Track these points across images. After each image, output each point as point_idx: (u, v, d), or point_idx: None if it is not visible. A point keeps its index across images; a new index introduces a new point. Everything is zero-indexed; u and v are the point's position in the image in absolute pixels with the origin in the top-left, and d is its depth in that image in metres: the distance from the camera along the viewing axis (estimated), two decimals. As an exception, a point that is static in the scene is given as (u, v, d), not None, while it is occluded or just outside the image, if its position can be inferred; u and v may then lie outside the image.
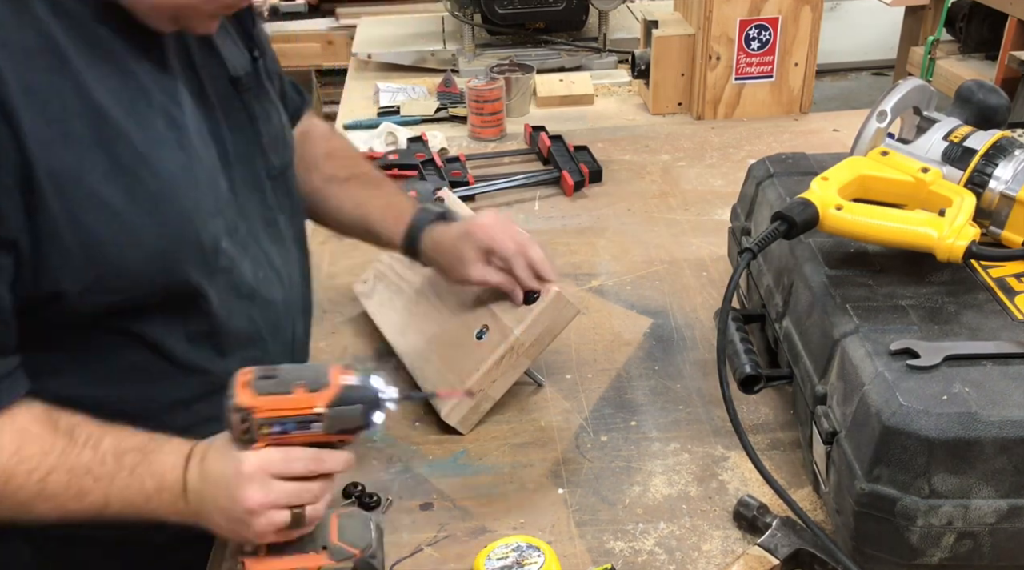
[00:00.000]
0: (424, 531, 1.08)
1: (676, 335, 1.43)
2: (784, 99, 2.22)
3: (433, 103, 2.34)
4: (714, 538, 1.06)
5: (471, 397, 1.20)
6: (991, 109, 1.19)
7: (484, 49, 2.61)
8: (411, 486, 1.15)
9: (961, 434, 0.86)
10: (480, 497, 1.13)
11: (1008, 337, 0.97)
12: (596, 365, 1.36)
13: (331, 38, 3.68)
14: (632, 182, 1.94)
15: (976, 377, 0.91)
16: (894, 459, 0.88)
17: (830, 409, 1.00)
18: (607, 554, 1.04)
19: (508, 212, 1.83)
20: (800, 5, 2.11)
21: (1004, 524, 0.88)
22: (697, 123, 2.22)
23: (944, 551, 0.90)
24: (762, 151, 1.93)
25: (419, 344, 1.31)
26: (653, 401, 1.29)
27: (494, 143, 2.16)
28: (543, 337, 1.22)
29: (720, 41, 2.14)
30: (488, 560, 0.97)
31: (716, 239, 1.65)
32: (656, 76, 2.24)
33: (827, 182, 1.10)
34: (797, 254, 1.15)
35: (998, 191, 1.11)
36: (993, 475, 0.87)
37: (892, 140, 1.20)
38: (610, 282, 1.58)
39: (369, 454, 1.20)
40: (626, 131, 2.20)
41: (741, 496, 1.07)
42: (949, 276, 1.08)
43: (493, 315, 1.25)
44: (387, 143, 2.07)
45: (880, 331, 0.99)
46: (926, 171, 1.10)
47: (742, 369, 1.13)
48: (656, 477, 1.15)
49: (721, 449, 1.19)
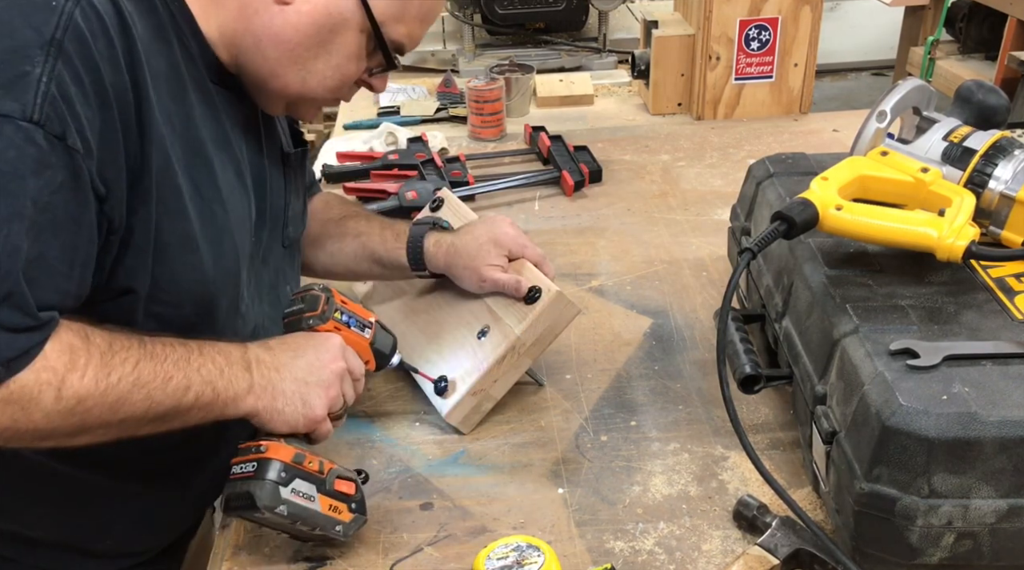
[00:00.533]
0: (424, 531, 1.08)
1: (676, 335, 1.43)
2: (784, 99, 2.22)
3: (433, 103, 2.34)
4: (714, 538, 1.06)
5: None
6: (991, 109, 1.19)
7: (484, 49, 2.61)
8: (411, 486, 1.15)
9: (961, 434, 0.86)
10: (480, 497, 1.13)
11: (1008, 337, 0.97)
12: (596, 365, 1.36)
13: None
14: (632, 182, 1.94)
15: (976, 377, 0.91)
16: (894, 459, 0.88)
17: (830, 409, 1.00)
18: (607, 554, 1.04)
19: (508, 212, 1.83)
20: (800, 5, 2.11)
21: (1004, 524, 0.88)
22: (697, 123, 2.23)
23: (944, 551, 0.90)
24: (762, 151, 1.93)
25: (421, 343, 1.31)
26: (653, 401, 1.29)
27: (494, 143, 2.16)
28: (544, 336, 1.23)
29: (720, 41, 2.14)
30: (488, 560, 0.97)
31: (716, 239, 1.65)
32: (656, 76, 2.24)
33: (827, 182, 1.10)
34: (797, 254, 1.15)
35: (998, 191, 1.11)
36: (993, 475, 0.87)
37: (892, 140, 1.20)
38: (610, 282, 1.58)
39: (369, 454, 1.20)
40: (626, 131, 2.21)
41: (741, 496, 1.07)
42: (949, 276, 1.08)
43: (494, 315, 1.25)
44: (387, 143, 2.07)
45: (880, 331, 0.99)
46: (926, 171, 1.10)
47: (742, 369, 1.13)
48: (656, 477, 1.15)
49: (721, 449, 1.19)
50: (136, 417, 0.92)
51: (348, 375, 1.06)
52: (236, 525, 1.10)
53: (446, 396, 1.24)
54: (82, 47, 0.84)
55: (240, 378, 0.98)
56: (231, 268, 1.05)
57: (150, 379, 0.91)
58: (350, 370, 1.06)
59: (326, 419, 1.03)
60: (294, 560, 1.05)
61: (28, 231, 0.82)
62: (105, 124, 0.87)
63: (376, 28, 1.02)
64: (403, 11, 1.03)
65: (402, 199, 1.78)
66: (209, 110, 1.02)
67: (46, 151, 0.82)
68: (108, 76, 0.86)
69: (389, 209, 1.76)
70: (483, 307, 1.27)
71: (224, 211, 1.03)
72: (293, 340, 1.05)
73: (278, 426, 1.01)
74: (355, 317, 1.11)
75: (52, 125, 0.82)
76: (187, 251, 0.98)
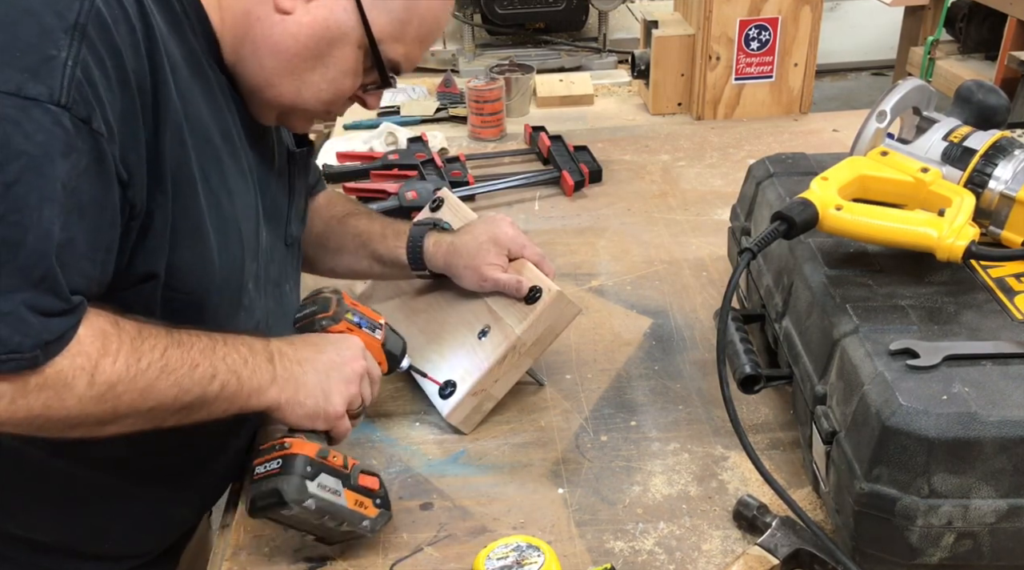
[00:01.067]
0: (424, 531, 1.08)
1: (676, 335, 1.43)
2: (784, 99, 2.22)
3: (433, 103, 2.34)
4: (714, 538, 1.06)
5: None
6: (991, 109, 1.19)
7: (484, 49, 2.61)
8: (411, 486, 1.15)
9: (961, 434, 0.86)
10: (480, 497, 1.13)
11: (1008, 337, 0.97)
12: (596, 365, 1.36)
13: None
14: (632, 182, 1.94)
15: (976, 377, 0.91)
16: (894, 459, 0.88)
17: (830, 409, 1.00)
18: (607, 554, 1.04)
19: (508, 212, 1.83)
20: (800, 5, 2.11)
21: (1004, 524, 0.88)
22: (697, 123, 2.23)
23: (944, 551, 0.90)
24: (762, 151, 1.93)
25: (421, 343, 1.31)
26: (653, 401, 1.29)
27: (494, 143, 2.16)
28: (545, 336, 1.23)
29: (720, 41, 2.14)
30: (488, 560, 0.97)
31: (716, 239, 1.65)
32: (656, 76, 2.24)
33: (827, 182, 1.10)
34: (797, 254, 1.15)
35: (998, 191, 1.11)
36: (993, 475, 0.87)
37: (892, 140, 1.20)
38: (610, 282, 1.58)
39: (369, 454, 1.20)
40: (626, 131, 2.21)
41: (741, 496, 1.07)
42: (949, 276, 1.08)
43: (495, 315, 1.25)
44: (387, 143, 2.07)
45: (880, 331, 0.99)
46: (926, 171, 1.10)
47: (742, 369, 1.13)
48: (656, 477, 1.15)
49: (721, 449, 1.19)
50: (165, 405, 0.92)
51: (367, 375, 1.07)
52: (236, 525, 1.10)
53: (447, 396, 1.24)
54: (104, 32, 0.85)
55: (264, 369, 0.99)
56: (236, 260, 1.05)
57: (178, 366, 0.92)
58: (369, 371, 1.07)
59: (345, 416, 1.04)
60: (294, 560, 1.05)
61: (59, 215, 0.83)
62: (126, 109, 0.87)
63: (374, 46, 1.02)
64: (403, 32, 1.04)
65: (402, 199, 1.78)
66: (217, 105, 1.03)
67: (72, 135, 0.82)
68: (129, 62, 0.87)
69: (389, 209, 1.76)
70: (484, 307, 1.27)
71: (231, 202, 1.03)
72: (314, 338, 1.07)
73: (300, 419, 1.01)
74: (366, 319, 1.13)
75: (78, 109, 0.82)
76: (197, 239, 0.98)
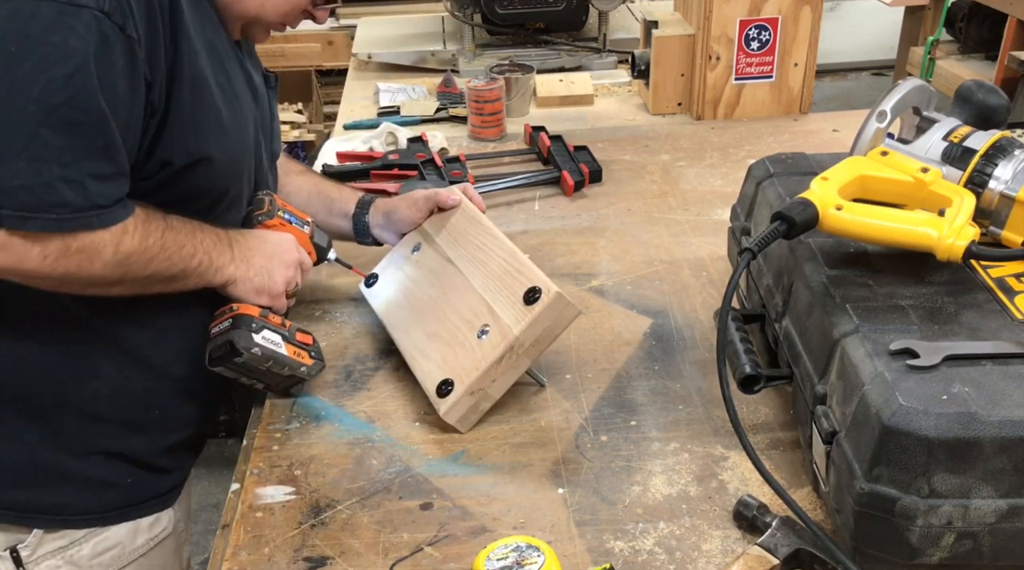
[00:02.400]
0: (424, 531, 1.08)
1: (676, 335, 1.43)
2: (784, 99, 2.22)
3: (433, 103, 2.34)
4: (714, 538, 1.06)
5: None
6: (991, 109, 1.19)
7: (484, 49, 2.61)
8: (411, 486, 1.15)
9: (961, 434, 0.86)
10: (480, 497, 1.13)
11: (1008, 337, 0.97)
12: (596, 365, 1.36)
13: (331, 38, 3.68)
14: (632, 182, 1.94)
15: (976, 377, 0.91)
16: (894, 459, 0.88)
17: (830, 409, 1.00)
18: (607, 554, 1.04)
19: (508, 212, 1.83)
20: (800, 5, 2.11)
21: (1004, 524, 0.88)
22: (697, 123, 2.23)
23: (944, 551, 0.90)
24: (762, 151, 1.94)
25: (420, 341, 1.31)
26: (653, 401, 1.29)
27: (494, 143, 2.16)
28: (543, 337, 1.22)
29: (720, 41, 2.14)
30: (488, 560, 0.97)
31: (716, 239, 1.65)
32: (656, 76, 2.24)
33: (827, 182, 1.10)
34: (797, 254, 1.15)
35: (998, 191, 1.11)
36: (993, 475, 0.87)
37: (892, 140, 1.20)
38: (610, 282, 1.58)
39: (369, 454, 1.21)
40: (626, 131, 2.21)
41: (741, 496, 1.07)
42: (949, 276, 1.08)
43: (494, 315, 1.25)
44: (387, 143, 2.07)
45: (880, 331, 0.99)
46: (926, 171, 1.10)
47: (742, 369, 1.13)
48: (656, 477, 1.15)
49: (721, 449, 1.19)
50: (159, 274, 1.12)
51: (300, 263, 1.30)
52: (236, 525, 1.10)
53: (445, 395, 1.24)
54: None
55: (225, 252, 1.21)
56: (245, 153, 1.24)
57: (171, 245, 1.12)
58: (301, 260, 1.31)
59: (283, 295, 1.27)
60: (294, 560, 1.05)
61: (106, 103, 0.99)
62: (150, 18, 1.04)
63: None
64: None
65: (402, 199, 1.78)
66: (212, 23, 1.19)
67: (112, 38, 0.99)
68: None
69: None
70: (484, 306, 1.27)
71: (240, 106, 1.22)
72: (257, 231, 1.29)
73: (249, 293, 1.23)
74: (295, 217, 1.35)
75: (116, 16, 0.99)
76: (218, 133, 1.16)
